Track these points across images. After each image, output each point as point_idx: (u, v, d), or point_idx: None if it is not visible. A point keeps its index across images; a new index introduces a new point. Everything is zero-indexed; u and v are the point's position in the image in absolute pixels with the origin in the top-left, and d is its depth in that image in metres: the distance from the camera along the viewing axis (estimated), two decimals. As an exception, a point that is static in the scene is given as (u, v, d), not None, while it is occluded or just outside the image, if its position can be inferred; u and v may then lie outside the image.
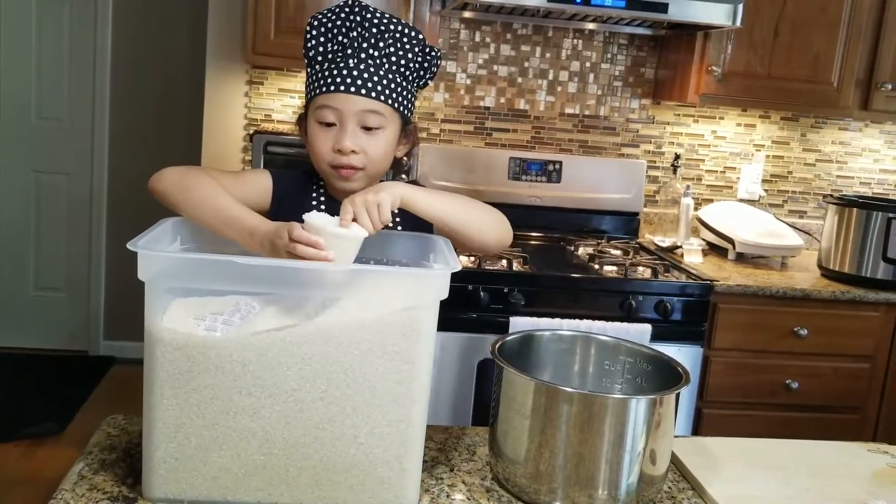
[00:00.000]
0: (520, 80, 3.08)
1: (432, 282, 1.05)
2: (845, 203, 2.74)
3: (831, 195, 2.86)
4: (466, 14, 2.97)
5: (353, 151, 1.39)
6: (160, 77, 4.13)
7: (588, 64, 3.10)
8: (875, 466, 1.32)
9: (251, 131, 2.85)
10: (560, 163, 3.02)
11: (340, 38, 1.39)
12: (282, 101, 2.99)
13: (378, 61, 1.39)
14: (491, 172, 2.98)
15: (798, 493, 1.20)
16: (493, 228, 1.41)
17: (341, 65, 1.38)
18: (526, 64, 3.07)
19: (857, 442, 1.44)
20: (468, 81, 3.06)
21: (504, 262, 2.51)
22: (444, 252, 1.20)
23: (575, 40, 3.08)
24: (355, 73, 1.37)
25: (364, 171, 1.42)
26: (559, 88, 3.11)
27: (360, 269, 1.08)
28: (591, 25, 3.02)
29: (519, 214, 2.20)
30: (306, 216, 1.12)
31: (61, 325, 4.32)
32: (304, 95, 1.49)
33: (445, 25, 3.00)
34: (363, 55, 1.38)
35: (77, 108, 4.15)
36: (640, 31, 3.04)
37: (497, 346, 1.22)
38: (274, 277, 1.05)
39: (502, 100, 3.09)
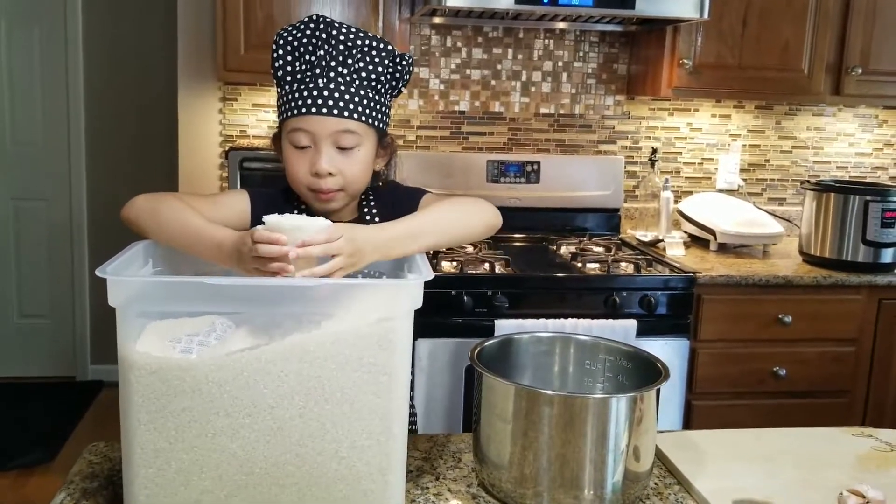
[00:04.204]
0: (493, 82, 3.09)
1: (406, 292, 1.05)
2: (822, 188, 2.76)
3: (808, 181, 2.87)
4: (436, 20, 2.97)
5: (329, 174, 1.38)
6: (134, 97, 4.11)
7: (560, 63, 3.11)
8: (859, 451, 1.33)
9: (227, 148, 2.84)
10: (538, 163, 3.02)
11: (308, 56, 1.38)
12: (256, 115, 2.98)
13: (348, 79, 1.37)
14: (469, 176, 2.98)
15: (784, 483, 1.20)
16: (477, 225, 1.40)
17: (311, 85, 1.36)
18: (499, 66, 3.08)
19: (842, 427, 1.44)
20: (442, 87, 3.06)
21: (486, 265, 2.51)
22: (418, 261, 1.20)
23: (546, 40, 3.09)
24: (325, 93, 1.36)
25: (343, 191, 1.42)
26: (533, 89, 3.11)
27: (332, 283, 1.07)
28: (561, 25, 3.03)
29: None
30: (265, 218, 1.12)
31: (47, 352, 4.29)
32: (277, 112, 1.48)
33: (416, 32, 3.00)
34: (332, 74, 1.37)
35: (52, 132, 4.13)
36: (610, 27, 3.05)
37: (476, 351, 1.22)
38: (246, 296, 1.05)
39: (477, 103, 3.09)
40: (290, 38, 1.39)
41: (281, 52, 1.40)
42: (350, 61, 1.38)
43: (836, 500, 1.14)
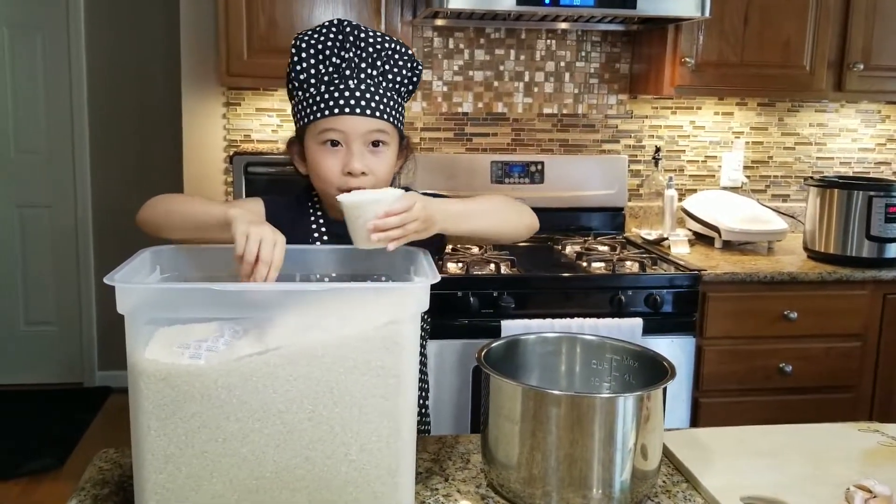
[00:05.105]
0: (496, 83, 3.09)
1: (412, 295, 1.06)
2: (826, 184, 2.76)
3: (812, 177, 2.87)
4: (438, 22, 2.98)
5: (362, 173, 1.39)
6: (137, 104, 4.13)
7: (563, 63, 3.12)
8: (866, 446, 1.33)
9: (231, 153, 2.85)
10: (542, 163, 3.03)
11: (334, 59, 1.39)
12: (260, 120, 2.99)
13: (377, 80, 1.40)
14: (473, 177, 2.98)
15: (791, 478, 1.21)
16: (520, 224, 1.50)
17: (341, 86, 1.38)
18: (501, 67, 3.08)
19: (849, 422, 1.44)
20: (445, 88, 3.07)
21: (492, 265, 2.52)
22: (424, 264, 1.20)
23: (548, 41, 3.09)
24: (357, 94, 1.38)
25: (370, 188, 1.43)
26: (536, 89, 3.12)
27: (339, 287, 1.08)
28: (563, 25, 3.03)
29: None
30: (340, 199, 1.22)
31: (54, 359, 4.30)
32: (293, 118, 1.46)
33: (418, 35, 3.01)
34: (362, 75, 1.39)
35: (56, 139, 4.14)
36: (612, 27, 3.06)
37: (483, 353, 1.22)
38: (253, 301, 1.05)
39: (480, 104, 3.10)
40: (312, 42, 1.40)
41: (304, 55, 1.40)
42: (379, 63, 1.40)
43: (843, 495, 1.15)
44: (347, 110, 1.37)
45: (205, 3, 2.89)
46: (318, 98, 1.39)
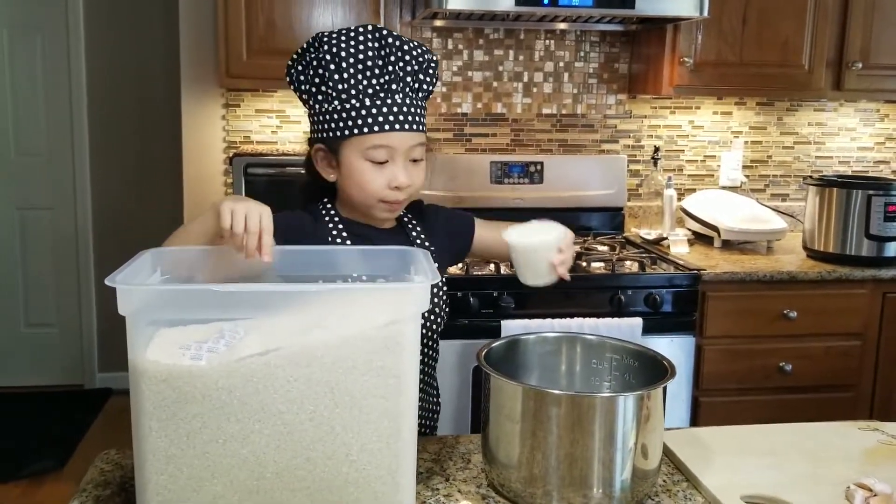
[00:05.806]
0: (495, 84, 3.10)
1: (412, 295, 1.06)
2: (825, 183, 2.76)
3: (811, 176, 2.87)
4: (437, 23, 2.98)
5: (407, 186, 1.41)
6: (137, 105, 4.13)
7: (562, 63, 3.12)
8: (866, 445, 1.33)
9: (231, 154, 2.85)
10: (541, 163, 3.03)
11: (376, 70, 1.36)
12: (259, 121, 2.99)
13: (417, 93, 1.40)
14: (473, 178, 2.99)
15: (791, 477, 1.21)
16: None
17: (388, 101, 1.36)
18: (500, 68, 3.09)
19: (848, 421, 1.44)
20: (444, 89, 3.07)
21: (492, 266, 2.52)
22: (424, 264, 1.21)
23: (547, 41, 3.09)
24: (405, 108, 1.38)
25: (408, 198, 1.46)
26: (535, 90, 3.12)
27: (340, 288, 1.08)
28: (561, 25, 3.03)
29: (503, 218, 2.17)
30: (513, 243, 1.41)
31: (55, 361, 4.30)
32: (319, 124, 1.41)
33: (417, 35, 3.01)
34: (407, 89, 1.39)
35: (56, 141, 4.14)
36: (610, 27, 3.06)
37: (483, 353, 1.23)
38: (254, 302, 1.06)
39: (479, 105, 3.10)
40: (352, 51, 1.36)
41: (344, 64, 1.35)
42: (421, 76, 1.40)
43: (843, 493, 1.15)
44: (398, 126, 1.37)
45: (204, 4, 2.89)
46: (363, 112, 1.36)
